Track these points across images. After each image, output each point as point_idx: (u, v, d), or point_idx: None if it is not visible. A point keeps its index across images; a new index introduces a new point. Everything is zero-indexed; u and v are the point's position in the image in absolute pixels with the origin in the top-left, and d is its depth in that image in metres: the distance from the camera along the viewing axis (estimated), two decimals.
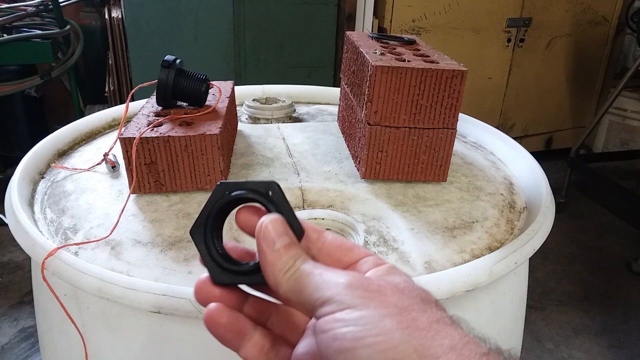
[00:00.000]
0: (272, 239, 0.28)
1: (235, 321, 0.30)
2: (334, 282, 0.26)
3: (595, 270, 1.88)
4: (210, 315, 0.29)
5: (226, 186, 0.31)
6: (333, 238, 0.31)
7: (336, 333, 0.24)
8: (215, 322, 0.29)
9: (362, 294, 0.25)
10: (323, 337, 0.24)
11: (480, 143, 0.90)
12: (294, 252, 0.28)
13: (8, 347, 1.42)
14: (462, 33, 2.21)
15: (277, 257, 0.28)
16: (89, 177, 0.71)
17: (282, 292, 0.28)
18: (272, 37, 2.04)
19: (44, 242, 0.53)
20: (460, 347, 0.23)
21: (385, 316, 0.23)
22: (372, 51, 0.69)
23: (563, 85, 2.57)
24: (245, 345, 0.30)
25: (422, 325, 0.23)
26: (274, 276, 0.28)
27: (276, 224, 0.29)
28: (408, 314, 0.24)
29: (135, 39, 1.89)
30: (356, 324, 0.23)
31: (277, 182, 0.30)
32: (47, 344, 0.65)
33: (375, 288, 0.25)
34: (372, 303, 0.24)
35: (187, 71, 0.71)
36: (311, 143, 0.82)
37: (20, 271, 1.72)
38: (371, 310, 0.24)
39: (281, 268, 0.27)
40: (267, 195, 0.30)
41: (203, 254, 0.31)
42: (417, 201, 0.67)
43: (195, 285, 0.30)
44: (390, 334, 0.23)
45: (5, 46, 1.66)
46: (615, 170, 2.60)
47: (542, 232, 0.59)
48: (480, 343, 0.24)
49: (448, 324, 0.24)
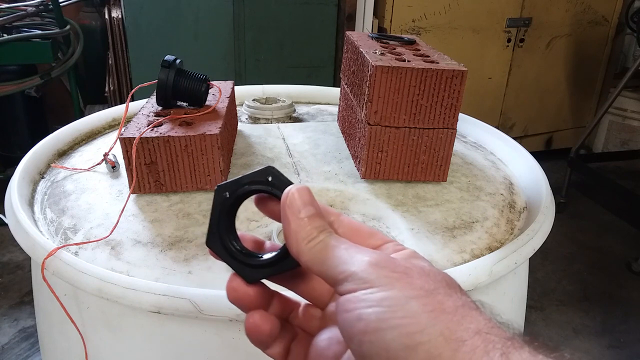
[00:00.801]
0: (297, 207, 0.28)
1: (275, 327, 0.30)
2: (359, 258, 0.25)
3: (595, 270, 1.88)
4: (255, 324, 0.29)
5: (225, 188, 0.30)
6: (349, 222, 0.30)
7: (360, 313, 0.23)
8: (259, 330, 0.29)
9: (387, 273, 0.24)
10: (346, 317, 0.24)
11: (480, 143, 0.90)
12: (319, 223, 0.28)
13: (8, 347, 1.42)
14: (462, 33, 2.21)
15: (301, 225, 0.27)
16: (89, 177, 0.71)
17: (303, 261, 0.27)
18: (272, 37, 2.04)
19: (44, 242, 0.53)
20: (486, 332, 0.22)
21: (412, 298, 0.23)
22: (372, 51, 0.68)
23: (563, 85, 2.57)
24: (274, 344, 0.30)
25: (448, 309, 0.23)
26: (297, 244, 0.27)
27: (303, 193, 0.28)
28: (434, 297, 0.23)
29: (135, 39, 1.89)
30: (381, 305, 0.23)
31: (272, 166, 0.30)
32: (47, 344, 0.65)
33: (402, 269, 0.25)
34: (398, 284, 0.24)
35: (187, 71, 0.71)
36: (311, 143, 0.82)
37: (20, 271, 1.72)
38: (396, 291, 0.23)
39: (304, 237, 0.27)
40: (268, 182, 0.30)
41: (227, 261, 0.30)
42: (417, 201, 0.67)
43: (227, 287, 0.30)
44: (416, 317, 0.22)
45: (5, 46, 1.66)
46: (615, 170, 2.60)
47: (542, 232, 0.59)
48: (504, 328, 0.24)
49: (473, 309, 0.24)
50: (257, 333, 0.29)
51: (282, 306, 0.32)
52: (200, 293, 0.45)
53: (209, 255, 0.54)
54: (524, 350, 0.22)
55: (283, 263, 0.29)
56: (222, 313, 0.44)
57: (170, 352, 0.50)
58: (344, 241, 0.27)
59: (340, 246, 0.26)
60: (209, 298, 0.45)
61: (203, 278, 0.51)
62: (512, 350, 0.22)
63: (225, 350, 0.49)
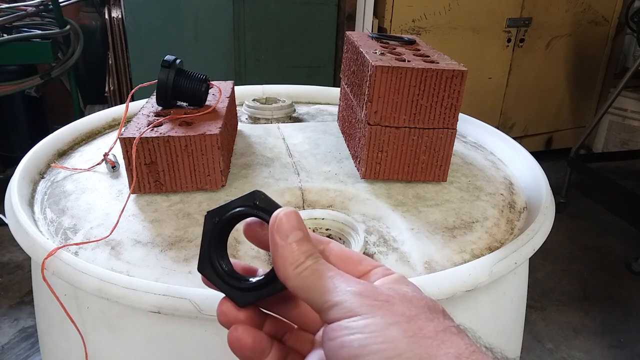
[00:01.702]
0: (285, 231, 0.28)
1: (259, 342, 0.30)
2: (343, 289, 0.26)
3: (595, 270, 1.88)
4: (237, 338, 0.30)
5: (214, 214, 0.31)
6: (339, 250, 0.31)
7: (343, 340, 0.24)
8: (241, 344, 0.30)
9: (370, 302, 0.25)
10: (330, 345, 0.25)
11: (480, 143, 0.90)
12: (307, 248, 0.28)
13: (8, 347, 1.42)
14: (462, 33, 2.21)
15: (289, 251, 0.28)
16: (89, 177, 0.71)
17: (290, 287, 0.28)
18: (272, 37, 2.04)
19: (44, 242, 0.53)
20: (466, 356, 0.23)
21: (392, 324, 0.24)
22: (372, 51, 0.68)
23: (563, 85, 2.57)
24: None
25: (429, 334, 0.24)
26: (284, 270, 0.28)
27: (290, 217, 0.29)
28: (415, 323, 0.24)
29: (135, 39, 1.89)
30: (362, 332, 0.24)
31: (259, 190, 0.30)
32: (47, 344, 0.65)
33: (384, 297, 0.25)
34: (380, 312, 0.24)
35: (187, 71, 0.71)
36: (311, 143, 0.82)
37: (20, 271, 1.72)
38: (378, 318, 0.24)
39: (292, 262, 0.28)
40: (255, 206, 0.30)
41: (219, 286, 0.31)
42: (417, 201, 0.67)
43: (218, 310, 0.30)
44: (395, 342, 0.23)
45: (5, 46, 1.66)
46: (615, 170, 2.60)
47: (542, 232, 0.59)
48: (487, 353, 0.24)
49: (454, 333, 0.24)
50: (240, 347, 0.30)
51: (275, 327, 0.32)
52: (200, 293, 0.45)
53: None
54: None
55: (272, 286, 0.29)
56: None
57: (170, 352, 0.50)
58: (330, 268, 0.27)
59: (326, 274, 0.27)
60: (209, 298, 0.45)
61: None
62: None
63: (225, 350, 0.48)
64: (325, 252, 0.30)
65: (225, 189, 0.66)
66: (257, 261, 0.54)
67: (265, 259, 0.55)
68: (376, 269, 0.29)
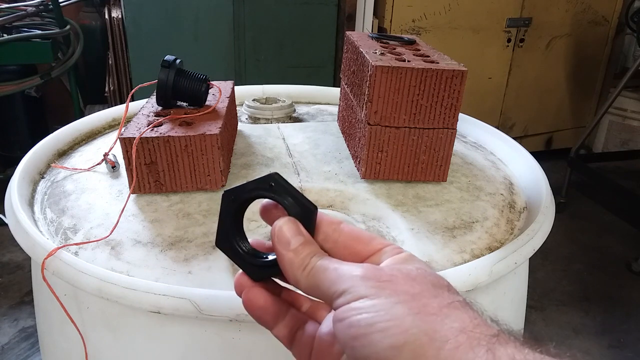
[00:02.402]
0: (287, 240, 0.30)
1: (271, 304, 0.32)
2: (348, 275, 0.27)
3: (595, 270, 1.88)
4: (248, 298, 0.32)
5: (231, 193, 0.33)
6: (350, 230, 0.31)
7: (351, 320, 0.25)
8: (252, 304, 0.31)
9: (374, 284, 0.26)
10: (339, 326, 0.26)
11: (480, 143, 0.90)
12: (310, 250, 0.30)
13: (8, 347, 1.42)
14: (462, 33, 2.21)
15: (294, 256, 0.29)
16: (89, 177, 0.71)
17: (302, 290, 0.29)
18: (272, 37, 2.04)
19: (44, 242, 0.53)
20: (470, 329, 0.24)
21: (397, 303, 0.25)
22: (372, 51, 0.68)
23: (563, 85, 2.57)
24: (278, 325, 0.32)
25: (433, 310, 0.24)
26: (294, 275, 0.29)
27: (289, 226, 0.30)
28: (419, 300, 0.25)
29: (135, 39, 1.89)
30: (369, 311, 0.25)
31: (277, 172, 0.32)
32: (47, 344, 0.65)
33: (387, 278, 0.26)
34: (384, 292, 0.25)
35: (187, 71, 0.71)
36: (311, 143, 0.82)
37: (20, 271, 1.72)
38: (383, 298, 0.25)
39: (299, 266, 0.29)
40: (270, 188, 0.31)
41: (236, 261, 0.32)
42: (417, 201, 0.67)
43: (235, 281, 0.32)
44: (401, 319, 0.24)
45: (5, 46, 1.66)
46: (615, 170, 2.60)
47: (542, 232, 0.59)
48: (491, 325, 0.25)
49: (458, 307, 0.25)
50: (251, 307, 0.31)
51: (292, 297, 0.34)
52: (200, 293, 0.45)
53: (209, 255, 0.54)
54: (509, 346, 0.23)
55: None
56: (222, 313, 0.44)
57: (170, 352, 0.50)
58: (334, 261, 0.29)
59: (330, 267, 0.28)
60: (209, 298, 0.45)
61: (203, 278, 0.51)
62: (497, 346, 0.23)
63: (225, 350, 0.49)
64: (335, 233, 0.31)
65: (225, 189, 0.66)
66: None
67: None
68: (386, 247, 0.30)
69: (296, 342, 0.32)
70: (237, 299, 0.32)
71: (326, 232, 0.31)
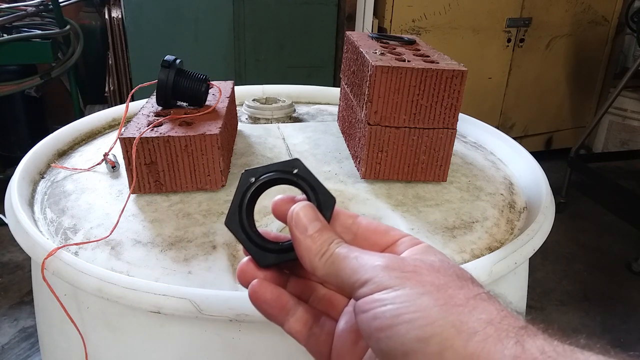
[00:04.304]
0: (304, 225, 0.29)
1: (278, 297, 0.31)
2: (370, 265, 0.26)
3: (595, 270, 1.88)
4: (254, 291, 0.30)
5: (252, 173, 0.31)
6: (368, 222, 0.31)
7: (376, 312, 0.24)
8: (259, 297, 0.30)
9: (398, 274, 0.25)
10: (363, 317, 0.25)
11: (480, 143, 0.90)
12: (328, 236, 0.29)
13: (8, 347, 1.42)
14: (462, 33, 2.21)
15: (311, 242, 0.28)
16: (89, 177, 0.71)
17: (319, 276, 0.28)
18: (272, 37, 2.04)
19: (44, 242, 0.53)
20: (498, 321, 0.23)
21: (423, 294, 0.24)
22: (372, 51, 0.69)
23: (563, 85, 2.57)
24: (289, 320, 0.31)
25: (459, 302, 0.24)
26: (310, 261, 0.28)
27: (307, 211, 0.29)
28: (445, 291, 0.24)
29: (135, 39, 1.89)
30: (394, 302, 0.24)
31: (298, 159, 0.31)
32: (47, 344, 0.65)
33: (411, 268, 0.26)
34: (409, 282, 0.25)
35: (187, 71, 0.71)
36: (311, 143, 0.82)
37: (20, 271, 1.72)
38: (408, 289, 0.24)
39: (316, 252, 0.28)
40: (293, 174, 0.31)
41: (244, 242, 0.31)
42: (417, 201, 0.67)
43: (238, 269, 0.31)
44: (427, 311, 0.23)
45: (5, 46, 1.66)
46: (615, 170, 2.60)
47: (542, 232, 0.59)
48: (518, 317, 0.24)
49: (485, 299, 0.24)
50: (259, 301, 0.30)
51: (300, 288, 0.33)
52: (200, 293, 0.45)
53: (209, 255, 0.54)
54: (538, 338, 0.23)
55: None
56: (222, 313, 0.44)
57: (170, 352, 0.50)
58: (354, 250, 0.28)
59: (350, 256, 0.27)
60: (209, 298, 0.45)
61: (203, 278, 0.51)
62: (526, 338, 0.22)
63: (225, 350, 0.49)
64: (354, 225, 0.31)
65: (225, 189, 0.66)
66: None
67: None
68: (403, 238, 0.30)
69: (313, 338, 0.31)
70: (237, 299, 0.32)
71: (344, 224, 0.31)
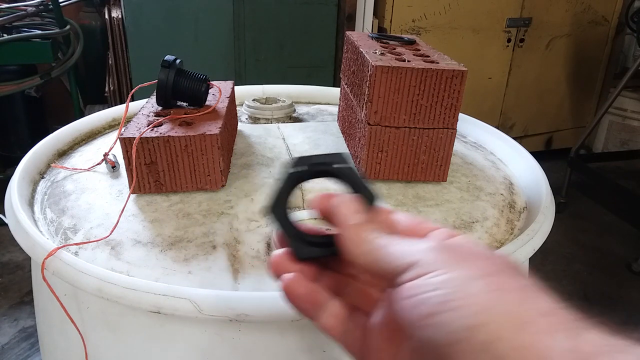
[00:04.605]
0: (346, 216, 0.29)
1: (312, 292, 0.30)
2: (417, 249, 0.25)
3: (595, 270, 1.88)
4: (288, 286, 0.30)
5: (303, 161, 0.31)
6: (405, 216, 0.31)
7: (420, 298, 0.23)
8: (293, 292, 0.30)
9: (447, 257, 0.24)
10: (405, 304, 0.24)
11: (480, 143, 0.90)
12: (369, 227, 0.29)
13: (8, 347, 1.42)
14: (462, 33, 2.21)
15: (352, 233, 0.28)
16: (89, 177, 0.71)
17: (360, 265, 0.28)
18: (272, 37, 2.04)
19: (44, 242, 0.53)
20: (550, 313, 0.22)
21: (473, 279, 0.23)
22: (372, 51, 0.69)
23: (563, 85, 2.57)
24: (322, 315, 0.30)
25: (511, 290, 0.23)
26: (352, 250, 0.28)
27: (351, 202, 0.30)
28: (497, 278, 0.23)
29: (135, 39, 1.89)
30: (442, 287, 0.23)
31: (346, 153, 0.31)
32: (47, 344, 0.65)
33: (465, 251, 0.25)
34: (459, 266, 0.23)
35: (187, 71, 0.71)
36: (311, 143, 0.82)
37: (20, 271, 1.72)
38: (457, 273, 0.23)
39: (360, 242, 0.28)
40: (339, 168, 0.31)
41: (287, 231, 0.30)
42: (417, 201, 0.67)
43: (272, 260, 0.31)
44: (478, 297, 0.22)
45: (5, 46, 1.66)
46: (615, 170, 2.60)
47: (542, 232, 0.59)
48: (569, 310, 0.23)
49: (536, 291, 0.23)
50: (292, 296, 0.30)
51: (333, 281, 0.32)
52: (200, 293, 0.45)
53: (209, 255, 0.54)
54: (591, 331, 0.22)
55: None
56: (222, 313, 0.44)
57: (170, 352, 0.50)
58: (395, 238, 0.27)
59: (392, 243, 0.27)
60: (209, 298, 0.45)
61: (203, 278, 0.51)
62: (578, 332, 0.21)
63: (226, 350, 0.49)
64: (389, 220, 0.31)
65: (225, 189, 0.66)
66: (257, 261, 0.54)
67: (265, 259, 0.55)
68: (440, 229, 0.30)
69: (348, 334, 0.30)
70: (237, 299, 0.32)
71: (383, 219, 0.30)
